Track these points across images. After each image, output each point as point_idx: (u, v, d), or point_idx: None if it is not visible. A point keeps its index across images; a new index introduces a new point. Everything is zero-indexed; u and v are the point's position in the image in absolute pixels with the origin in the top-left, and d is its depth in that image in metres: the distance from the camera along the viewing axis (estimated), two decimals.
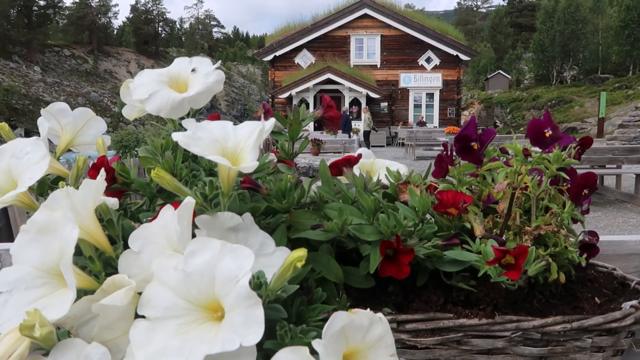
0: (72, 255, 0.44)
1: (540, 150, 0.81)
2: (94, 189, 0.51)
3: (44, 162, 0.61)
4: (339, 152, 12.08)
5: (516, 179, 0.79)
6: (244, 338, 0.42)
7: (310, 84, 24.02)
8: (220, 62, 0.75)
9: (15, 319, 0.44)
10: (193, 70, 0.69)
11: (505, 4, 68.04)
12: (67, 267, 0.43)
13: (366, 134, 21.12)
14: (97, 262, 0.54)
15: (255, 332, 0.42)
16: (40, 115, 0.77)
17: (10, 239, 2.99)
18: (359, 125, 22.21)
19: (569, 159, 0.78)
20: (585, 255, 0.80)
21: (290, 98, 24.29)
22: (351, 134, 19.64)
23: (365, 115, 21.67)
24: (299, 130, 0.79)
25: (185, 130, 0.52)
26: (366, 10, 25.89)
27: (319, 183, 0.78)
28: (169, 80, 0.68)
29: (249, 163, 0.50)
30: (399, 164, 0.91)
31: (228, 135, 0.54)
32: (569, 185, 0.83)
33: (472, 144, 0.84)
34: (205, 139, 0.51)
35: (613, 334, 0.74)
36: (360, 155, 0.80)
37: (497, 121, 35.81)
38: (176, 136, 0.49)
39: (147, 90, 0.63)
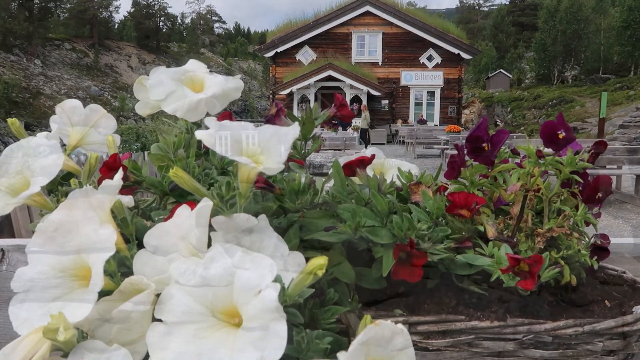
0: (107, 257, 0.44)
1: (552, 151, 0.80)
2: (114, 190, 0.51)
3: (58, 162, 0.60)
4: (339, 149, 12.09)
5: (529, 180, 0.79)
6: (265, 353, 0.41)
7: (311, 81, 23.99)
8: (241, 75, 0.75)
9: (32, 319, 0.44)
10: (210, 71, 0.69)
11: (507, 3, 67.88)
12: (99, 269, 0.43)
13: (363, 132, 21.10)
14: (112, 262, 0.53)
15: (277, 348, 0.42)
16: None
17: (12, 233, 2.98)
18: (358, 122, 22.18)
19: (582, 163, 0.78)
20: (596, 258, 0.80)
21: (291, 94, 24.27)
22: (351, 130, 19.60)
23: (364, 113, 21.64)
24: (312, 129, 0.78)
25: (207, 128, 0.51)
26: (368, 8, 25.85)
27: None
28: (185, 79, 0.67)
29: (274, 165, 0.50)
30: (410, 164, 0.91)
31: (249, 136, 0.54)
32: (580, 188, 0.83)
33: (484, 145, 0.84)
34: (228, 139, 0.51)
35: (624, 338, 0.74)
36: (374, 156, 0.80)
37: (497, 120, 35.75)
38: (200, 134, 0.49)
39: (164, 90, 0.63)
